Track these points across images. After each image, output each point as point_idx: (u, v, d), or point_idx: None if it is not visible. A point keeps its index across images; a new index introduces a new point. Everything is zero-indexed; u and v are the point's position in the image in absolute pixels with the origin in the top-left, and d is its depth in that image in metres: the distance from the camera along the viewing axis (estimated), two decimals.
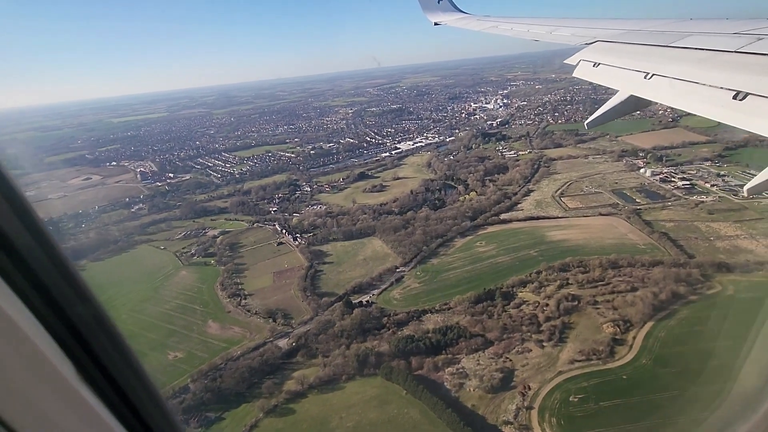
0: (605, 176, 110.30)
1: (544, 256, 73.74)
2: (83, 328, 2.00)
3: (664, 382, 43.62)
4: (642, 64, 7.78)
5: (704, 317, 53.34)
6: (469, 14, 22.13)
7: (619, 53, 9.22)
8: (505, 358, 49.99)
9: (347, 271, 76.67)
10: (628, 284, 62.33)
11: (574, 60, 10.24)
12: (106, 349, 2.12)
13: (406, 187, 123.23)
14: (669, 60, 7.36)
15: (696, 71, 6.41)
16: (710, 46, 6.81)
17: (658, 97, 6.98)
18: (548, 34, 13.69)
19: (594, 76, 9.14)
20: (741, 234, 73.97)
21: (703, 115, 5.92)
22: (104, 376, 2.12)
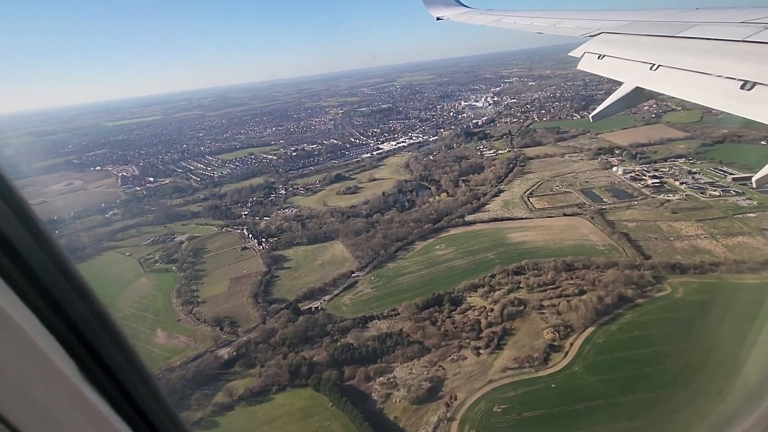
0: (578, 175, 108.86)
1: (501, 259, 72.63)
2: (84, 326, 1.99)
3: (591, 390, 42.50)
4: (647, 56, 7.68)
5: (647, 321, 52.17)
6: (471, 8, 21.86)
7: (624, 45, 9.10)
8: (439, 366, 48.97)
9: (303, 276, 75.85)
10: (577, 287, 61.14)
11: (578, 52, 10.12)
12: (107, 347, 2.11)
13: (381, 188, 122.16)
14: (675, 51, 7.24)
15: (702, 61, 6.32)
16: (717, 36, 6.68)
17: (664, 88, 6.87)
18: (552, 26, 13.58)
19: (599, 69, 9.05)
20: (701, 234, 72.52)
21: (710, 105, 5.89)
22: (107, 374, 2.11)
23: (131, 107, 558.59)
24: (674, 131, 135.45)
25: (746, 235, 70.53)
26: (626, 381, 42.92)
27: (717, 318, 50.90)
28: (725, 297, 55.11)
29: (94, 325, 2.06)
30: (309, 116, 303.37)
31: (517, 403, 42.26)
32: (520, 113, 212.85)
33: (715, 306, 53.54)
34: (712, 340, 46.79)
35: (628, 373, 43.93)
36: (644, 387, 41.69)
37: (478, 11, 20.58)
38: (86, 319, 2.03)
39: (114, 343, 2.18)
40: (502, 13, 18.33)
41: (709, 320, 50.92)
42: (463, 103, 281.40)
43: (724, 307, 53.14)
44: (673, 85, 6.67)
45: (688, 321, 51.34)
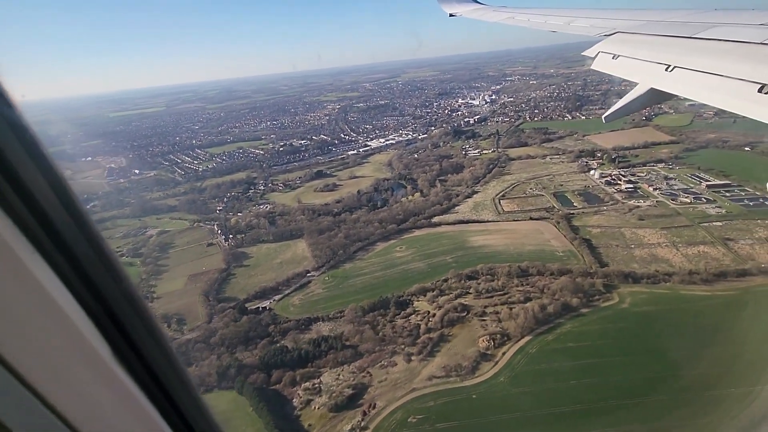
0: (554, 178, 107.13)
1: (459, 262, 71.64)
2: (118, 309, 2.00)
3: (510, 403, 41.62)
4: (663, 56, 7.57)
5: (585, 332, 51.07)
6: (484, 5, 21.75)
7: (639, 45, 8.99)
8: (367, 372, 48.32)
9: (259, 274, 75.49)
10: (525, 294, 60.11)
11: (592, 52, 9.98)
12: (140, 332, 2.11)
13: (359, 186, 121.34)
14: (691, 52, 7.13)
15: (719, 63, 6.21)
16: (735, 38, 6.60)
17: (680, 90, 6.77)
18: (566, 25, 13.43)
19: (613, 69, 8.91)
20: (663, 242, 70.95)
21: (726, 108, 5.73)
22: (139, 360, 2.12)
23: (137, 98, 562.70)
24: (661, 135, 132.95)
25: (708, 244, 68.84)
26: (547, 394, 41.99)
27: (655, 331, 49.79)
28: (669, 309, 53.76)
29: (127, 309, 2.04)
30: (306, 111, 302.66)
31: (433, 413, 41.53)
32: (514, 112, 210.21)
33: (657, 319, 52.32)
34: (643, 355, 45.76)
35: (551, 386, 42.98)
36: (563, 401, 40.75)
37: (492, 8, 20.46)
38: (121, 303, 2.01)
39: (146, 329, 2.14)
40: (516, 10, 18.03)
41: (647, 333, 49.79)
42: (460, 100, 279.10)
43: (664, 319, 51.94)
44: (689, 87, 6.54)
45: (625, 333, 50.19)
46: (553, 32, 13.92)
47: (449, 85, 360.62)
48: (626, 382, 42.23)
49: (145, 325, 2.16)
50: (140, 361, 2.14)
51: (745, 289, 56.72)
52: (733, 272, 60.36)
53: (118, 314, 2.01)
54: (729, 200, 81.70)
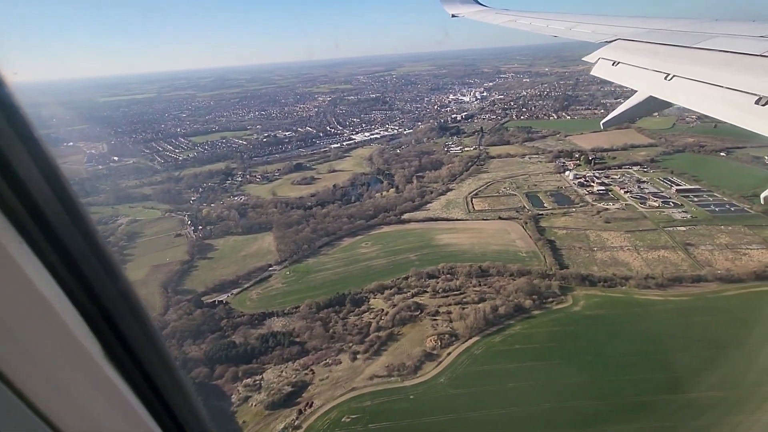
0: (530, 177, 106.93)
1: (422, 261, 71.33)
2: (111, 306, 1.93)
3: (446, 404, 41.48)
4: (663, 65, 7.61)
5: (533, 335, 51.01)
6: (487, 7, 21.84)
7: (639, 52, 9.01)
8: (310, 370, 47.96)
9: (222, 267, 74.76)
10: (480, 295, 59.93)
11: (592, 58, 10.04)
12: (133, 330, 2.04)
13: (337, 180, 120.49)
14: (691, 61, 7.17)
15: (718, 74, 6.25)
16: (734, 49, 6.65)
17: (678, 98, 6.82)
18: (568, 30, 13.50)
19: (612, 75, 8.96)
20: (626, 245, 71.03)
21: (723, 119, 5.74)
22: (131, 358, 2.05)
23: (131, 83, 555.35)
24: (642, 137, 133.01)
25: (669, 249, 69.03)
26: (485, 396, 41.89)
27: (601, 336, 49.84)
28: (619, 313, 53.85)
29: (120, 305, 1.96)
30: (296, 102, 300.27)
31: (368, 413, 41.28)
32: (501, 110, 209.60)
33: (606, 323, 52.38)
34: (586, 359, 45.78)
35: (490, 388, 42.88)
36: (497, 403, 40.67)
37: (494, 10, 20.55)
38: (114, 299, 1.91)
39: (139, 327, 2.06)
40: (519, 14, 18.17)
41: (593, 337, 49.83)
42: (450, 96, 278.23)
43: (613, 324, 52.01)
44: (687, 96, 6.59)
45: (572, 337, 50.18)
46: (554, 37, 14.01)
47: (443, 81, 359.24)
48: (564, 385, 42.19)
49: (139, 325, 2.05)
50: (133, 362, 2.04)
51: (698, 295, 56.91)
52: (689, 278, 60.53)
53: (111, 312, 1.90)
54: (696, 205, 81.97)
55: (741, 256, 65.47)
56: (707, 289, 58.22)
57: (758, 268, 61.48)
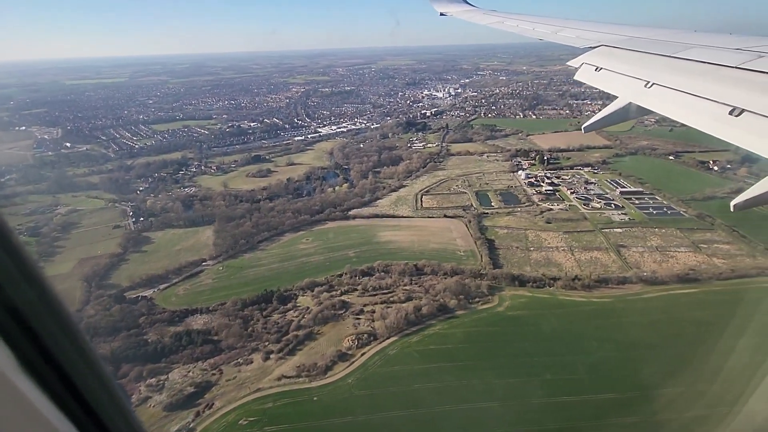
0: (483, 176, 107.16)
1: (360, 258, 70.44)
2: (27, 311, 1.74)
3: (348, 406, 40.80)
4: (643, 72, 7.79)
5: (451, 335, 50.83)
6: (475, 7, 22.16)
7: (621, 59, 9.18)
8: (219, 370, 46.57)
9: (153, 261, 72.25)
10: (409, 294, 59.48)
11: (576, 62, 10.14)
12: (53, 335, 1.84)
13: (293, 173, 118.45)
14: (670, 70, 7.36)
15: (695, 83, 6.46)
16: (712, 60, 6.84)
17: (656, 106, 6.94)
18: (553, 34, 13.61)
19: (595, 80, 9.09)
20: (562, 246, 71.70)
21: (698, 128, 5.88)
22: (51, 367, 1.87)
23: (104, 66, 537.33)
24: (600, 139, 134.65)
25: (602, 250, 69.98)
26: (387, 397, 41.40)
27: (518, 336, 49.98)
28: (541, 314, 54.18)
29: (38, 309, 1.75)
30: (269, 92, 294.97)
31: (268, 416, 40.26)
32: (471, 107, 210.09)
33: (525, 323, 52.60)
34: (497, 360, 45.76)
35: (395, 389, 42.42)
36: (398, 405, 40.22)
37: (482, 11, 20.79)
38: (29, 302, 1.72)
39: (62, 332, 1.86)
40: (506, 15, 18.50)
41: (510, 338, 49.94)
42: (425, 92, 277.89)
43: (532, 324, 52.26)
44: (665, 104, 6.73)
45: (490, 337, 50.18)
46: (540, 40, 14.15)
47: (420, 76, 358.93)
48: (467, 387, 42.05)
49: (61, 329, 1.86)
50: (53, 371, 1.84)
51: (619, 297, 57.77)
52: (615, 279, 61.39)
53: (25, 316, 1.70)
54: (636, 207, 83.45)
55: (668, 258, 66.87)
56: (630, 291, 59.19)
57: (682, 270, 62.92)
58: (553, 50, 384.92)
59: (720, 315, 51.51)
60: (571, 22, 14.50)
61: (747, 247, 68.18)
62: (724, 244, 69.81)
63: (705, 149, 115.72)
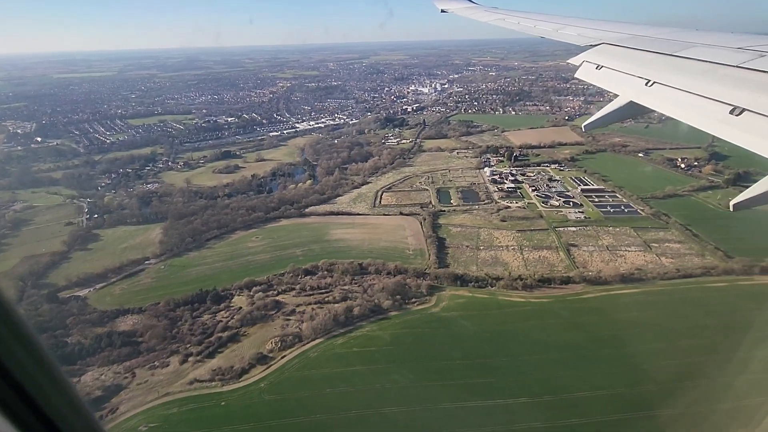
0: (450, 172, 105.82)
1: (307, 256, 69.16)
2: None
3: (253, 412, 39.65)
4: (644, 71, 7.80)
5: (378, 337, 49.68)
6: (477, 4, 22.13)
7: (622, 58, 9.17)
8: (132, 373, 45.33)
9: (96, 260, 70.79)
10: (346, 293, 58.28)
11: (577, 60, 10.16)
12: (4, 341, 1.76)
13: (262, 169, 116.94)
14: (671, 69, 7.35)
15: (696, 83, 6.42)
16: (713, 59, 6.80)
17: (657, 105, 6.95)
18: (554, 32, 13.57)
19: (596, 79, 9.06)
20: (512, 245, 70.53)
21: (698, 127, 5.88)
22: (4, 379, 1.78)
23: (96, 60, 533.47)
24: (574, 135, 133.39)
25: (552, 249, 68.86)
26: (297, 402, 40.28)
27: (446, 338, 48.87)
28: (474, 315, 53.08)
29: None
30: (254, 87, 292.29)
31: (170, 422, 39.11)
32: (454, 103, 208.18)
33: (456, 325, 51.50)
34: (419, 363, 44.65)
35: (306, 394, 41.30)
36: (306, 410, 39.09)
37: (484, 8, 20.78)
38: None
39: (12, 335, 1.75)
40: (507, 12, 18.43)
41: (437, 340, 48.83)
42: (412, 87, 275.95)
43: (463, 326, 51.16)
44: (666, 103, 6.73)
45: (417, 339, 49.05)
46: (541, 38, 14.11)
47: (410, 71, 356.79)
48: (380, 390, 40.95)
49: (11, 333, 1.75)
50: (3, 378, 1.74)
51: (558, 297, 56.68)
52: (558, 279, 60.30)
53: None
54: (595, 205, 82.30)
55: (617, 257, 65.79)
56: (570, 291, 58.13)
57: (627, 270, 61.84)
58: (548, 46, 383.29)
59: (653, 316, 50.72)
60: (572, 20, 14.42)
61: (697, 247, 67.13)
62: (675, 244, 68.77)
63: (676, 146, 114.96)
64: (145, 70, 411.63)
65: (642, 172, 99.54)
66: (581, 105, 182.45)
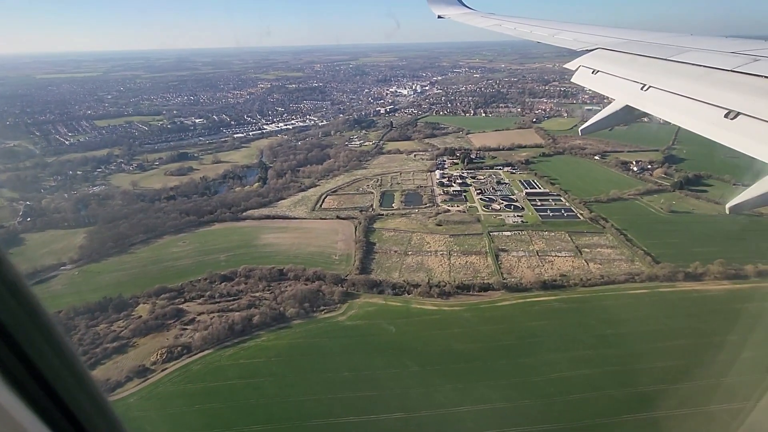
0: (401, 175, 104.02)
1: (230, 261, 67.06)
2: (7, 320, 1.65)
3: None
4: (640, 75, 7.83)
5: (273, 348, 47.62)
6: (473, 10, 22.21)
7: (618, 62, 9.25)
8: None
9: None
10: (255, 300, 56.26)
11: (573, 65, 10.27)
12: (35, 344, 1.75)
13: (214, 172, 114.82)
14: (666, 73, 7.47)
15: (691, 87, 6.50)
16: (707, 63, 6.90)
17: (653, 109, 6.98)
18: (551, 36, 13.66)
19: (591, 83, 9.17)
20: (442, 250, 68.67)
21: (694, 131, 5.95)
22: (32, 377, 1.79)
23: (86, 60, 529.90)
24: (536, 138, 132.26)
25: (482, 254, 67.03)
26: (158, 421, 38.06)
27: (341, 349, 46.87)
28: (378, 324, 51.12)
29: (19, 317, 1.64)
30: (234, 88, 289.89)
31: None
32: (428, 105, 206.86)
33: (358, 335, 49.51)
34: (304, 375, 42.59)
35: (173, 411, 39.12)
36: (166, 429, 36.92)
37: (480, 14, 20.94)
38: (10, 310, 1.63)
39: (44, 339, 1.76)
40: (504, 18, 18.62)
41: (330, 351, 46.81)
42: (392, 89, 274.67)
43: (363, 336, 49.18)
44: (661, 107, 6.76)
45: (309, 350, 46.99)
46: (538, 43, 14.16)
47: (396, 73, 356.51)
48: (251, 407, 38.85)
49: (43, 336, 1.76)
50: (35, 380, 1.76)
51: (471, 305, 54.83)
52: (478, 286, 58.49)
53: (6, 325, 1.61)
54: (535, 209, 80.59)
55: (544, 263, 64.04)
56: (487, 299, 56.29)
57: (551, 276, 60.16)
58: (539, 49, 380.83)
59: (559, 325, 48.98)
60: (568, 25, 14.46)
61: (628, 252, 65.53)
62: (607, 249, 67.14)
63: (635, 149, 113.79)
64: (131, 71, 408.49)
65: (592, 176, 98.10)
66: (553, 107, 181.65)
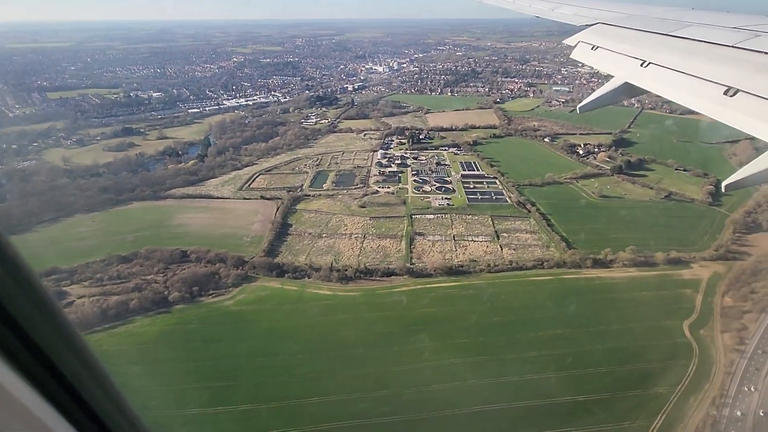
0: (343, 154, 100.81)
1: (137, 242, 64.33)
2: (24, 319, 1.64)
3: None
4: (639, 51, 7.73)
5: (145, 333, 45.60)
6: None
7: (618, 38, 9.11)
8: None
9: None
10: (143, 284, 53.88)
11: (573, 41, 10.09)
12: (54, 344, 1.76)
13: (156, 148, 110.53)
14: (667, 49, 7.32)
15: (691, 63, 6.38)
16: (708, 39, 6.73)
17: (652, 86, 6.83)
18: (550, 11, 13.55)
19: (591, 59, 9.02)
20: (357, 233, 66.52)
21: (693, 108, 5.83)
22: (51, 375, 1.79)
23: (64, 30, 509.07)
24: (493, 118, 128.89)
25: (397, 238, 65.00)
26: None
27: (219, 336, 44.94)
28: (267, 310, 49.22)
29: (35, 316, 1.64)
30: (205, 62, 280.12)
31: None
32: (399, 83, 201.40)
33: (242, 320, 47.56)
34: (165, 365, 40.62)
35: None
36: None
37: None
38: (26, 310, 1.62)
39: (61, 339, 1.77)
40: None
41: (208, 337, 44.91)
42: (367, 65, 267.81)
43: (246, 321, 47.24)
44: (661, 84, 6.64)
45: (183, 337, 45.04)
46: (537, 17, 13.99)
47: (377, 49, 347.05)
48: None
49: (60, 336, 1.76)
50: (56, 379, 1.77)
51: (368, 291, 53.08)
52: (381, 271, 56.61)
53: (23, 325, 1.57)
54: (466, 192, 78.36)
55: (458, 248, 62.24)
56: (387, 284, 54.57)
57: (460, 262, 58.51)
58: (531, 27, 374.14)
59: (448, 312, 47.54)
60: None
61: (546, 237, 63.89)
62: (526, 234, 65.43)
63: (588, 132, 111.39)
64: (107, 42, 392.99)
65: (535, 158, 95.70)
66: (522, 88, 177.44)
